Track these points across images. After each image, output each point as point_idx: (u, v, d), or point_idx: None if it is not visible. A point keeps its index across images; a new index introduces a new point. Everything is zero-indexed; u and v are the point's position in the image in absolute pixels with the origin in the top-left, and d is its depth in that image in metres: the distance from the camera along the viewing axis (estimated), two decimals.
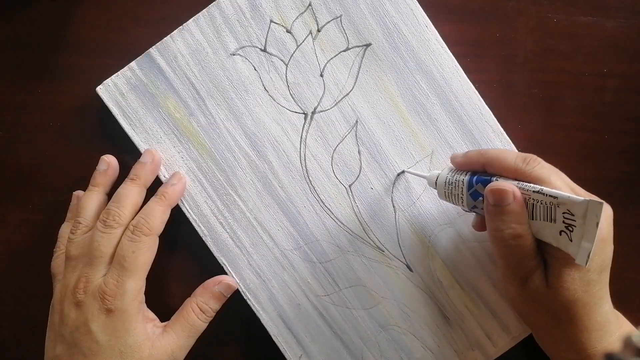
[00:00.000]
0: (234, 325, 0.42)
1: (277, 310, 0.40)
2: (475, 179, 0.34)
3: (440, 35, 0.40)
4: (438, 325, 0.40)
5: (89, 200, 0.39)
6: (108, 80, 0.40)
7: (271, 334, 0.40)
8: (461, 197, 0.34)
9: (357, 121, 0.40)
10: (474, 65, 0.41)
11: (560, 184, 0.32)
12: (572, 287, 0.32)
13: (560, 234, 0.30)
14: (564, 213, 0.30)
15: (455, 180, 0.35)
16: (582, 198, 0.29)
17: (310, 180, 0.40)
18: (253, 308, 0.40)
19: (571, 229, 0.30)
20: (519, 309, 0.36)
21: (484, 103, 0.40)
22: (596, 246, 0.29)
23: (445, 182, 0.35)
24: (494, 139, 0.40)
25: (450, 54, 0.40)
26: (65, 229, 0.40)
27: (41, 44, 0.42)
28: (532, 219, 0.32)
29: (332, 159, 0.41)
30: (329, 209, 0.40)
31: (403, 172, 0.40)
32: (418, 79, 0.40)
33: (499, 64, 0.41)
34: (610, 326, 0.34)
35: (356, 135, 0.40)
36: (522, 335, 0.40)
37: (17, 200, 0.42)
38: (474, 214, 0.37)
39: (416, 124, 0.40)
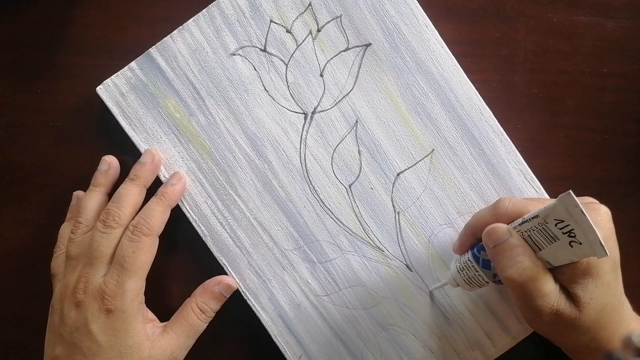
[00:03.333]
0: (234, 325, 0.41)
1: (277, 310, 0.40)
2: (475, 250, 0.34)
3: (440, 35, 0.40)
4: (438, 325, 0.40)
5: (90, 200, 0.39)
6: (108, 80, 0.40)
7: (271, 334, 0.40)
8: (479, 276, 0.34)
9: (357, 121, 0.40)
10: (474, 65, 0.41)
11: (537, 205, 0.32)
12: (598, 295, 0.32)
13: (572, 245, 0.30)
14: (556, 225, 0.29)
15: (463, 262, 0.35)
16: (553, 200, 0.29)
17: (310, 180, 0.40)
18: (253, 308, 0.40)
19: (573, 234, 0.29)
20: (551, 337, 0.36)
21: (484, 103, 0.40)
22: (599, 232, 0.28)
23: (459, 271, 0.35)
24: (494, 139, 0.40)
25: (450, 54, 0.40)
26: (65, 229, 0.40)
27: (41, 44, 0.42)
28: (540, 250, 0.31)
29: (332, 159, 0.41)
30: (329, 209, 0.40)
31: (431, 291, 0.40)
32: (418, 79, 0.40)
33: (499, 64, 0.41)
34: (633, 322, 0.34)
35: (356, 135, 0.40)
36: (522, 335, 0.40)
37: (17, 200, 0.42)
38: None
39: (416, 124, 0.40)
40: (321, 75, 0.40)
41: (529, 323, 0.34)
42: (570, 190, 0.28)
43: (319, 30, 0.40)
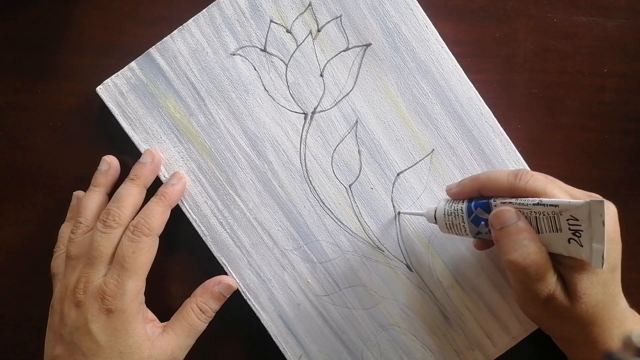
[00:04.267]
0: (234, 325, 0.42)
1: (277, 310, 0.40)
2: (473, 204, 0.34)
3: (440, 35, 0.40)
4: (438, 325, 0.40)
5: (90, 200, 0.39)
6: (108, 80, 0.40)
7: (271, 334, 0.40)
8: (463, 226, 0.34)
9: (357, 121, 0.40)
10: (474, 65, 0.41)
11: (557, 192, 0.32)
12: (592, 291, 0.32)
13: (569, 242, 0.30)
14: (568, 220, 0.30)
15: (454, 209, 0.35)
16: (582, 201, 0.29)
17: (310, 180, 0.40)
18: (253, 308, 0.40)
19: (579, 234, 0.29)
20: (540, 325, 0.36)
21: (484, 103, 0.40)
22: (607, 245, 0.28)
23: (445, 214, 0.35)
24: (494, 139, 0.40)
25: (450, 54, 0.40)
26: (65, 229, 0.40)
27: (41, 44, 0.42)
28: (538, 233, 0.31)
29: (332, 159, 0.41)
30: (329, 209, 0.40)
31: (399, 213, 0.40)
32: (418, 79, 0.40)
33: (499, 64, 0.41)
34: (628, 322, 0.34)
35: (356, 135, 0.40)
36: (522, 335, 0.40)
37: (17, 200, 0.42)
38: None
39: (416, 124, 0.40)
40: (321, 75, 0.40)
41: (523, 306, 0.34)
42: (604, 200, 0.28)
43: (319, 30, 0.40)
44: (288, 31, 0.40)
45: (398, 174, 0.40)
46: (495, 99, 0.40)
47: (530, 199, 0.31)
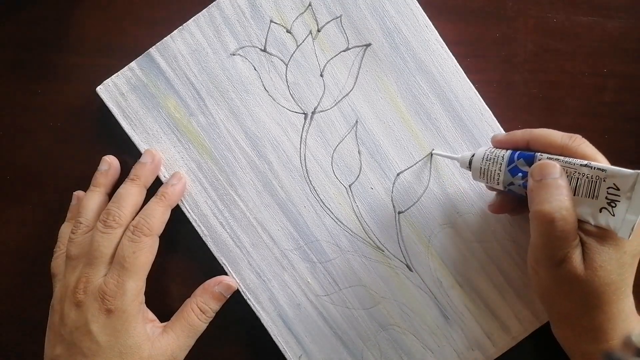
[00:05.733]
0: (234, 325, 0.42)
1: (277, 310, 0.40)
2: (517, 154, 0.34)
3: (440, 35, 0.40)
4: (438, 325, 0.40)
5: (90, 200, 0.39)
6: (108, 80, 0.40)
7: (271, 334, 0.40)
8: (498, 174, 0.34)
9: (357, 121, 0.40)
10: (474, 65, 0.41)
11: (606, 162, 0.32)
12: (609, 266, 0.31)
13: (601, 211, 0.30)
14: (608, 188, 0.30)
15: (495, 155, 0.34)
16: (632, 170, 0.29)
17: (310, 180, 0.40)
18: (253, 308, 0.40)
19: (614, 205, 0.29)
20: (546, 296, 0.35)
21: (484, 103, 0.40)
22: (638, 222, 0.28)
23: (483, 158, 0.35)
24: None
25: (450, 54, 0.40)
26: (65, 229, 0.40)
27: (41, 44, 0.42)
28: (573, 195, 0.31)
29: (332, 159, 0.41)
30: (329, 209, 0.40)
31: (432, 154, 0.40)
32: (418, 79, 0.40)
33: (499, 64, 0.41)
34: (633, 318, 0.33)
35: (356, 135, 0.40)
36: (522, 335, 0.40)
37: (17, 200, 0.42)
38: (492, 196, 0.37)
39: (416, 124, 0.40)
40: (321, 75, 0.40)
41: (535, 266, 0.33)
42: None
43: (319, 31, 0.40)
44: (288, 31, 0.40)
45: (398, 174, 0.40)
46: (495, 99, 0.40)
47: (579, 160, 0.32)
